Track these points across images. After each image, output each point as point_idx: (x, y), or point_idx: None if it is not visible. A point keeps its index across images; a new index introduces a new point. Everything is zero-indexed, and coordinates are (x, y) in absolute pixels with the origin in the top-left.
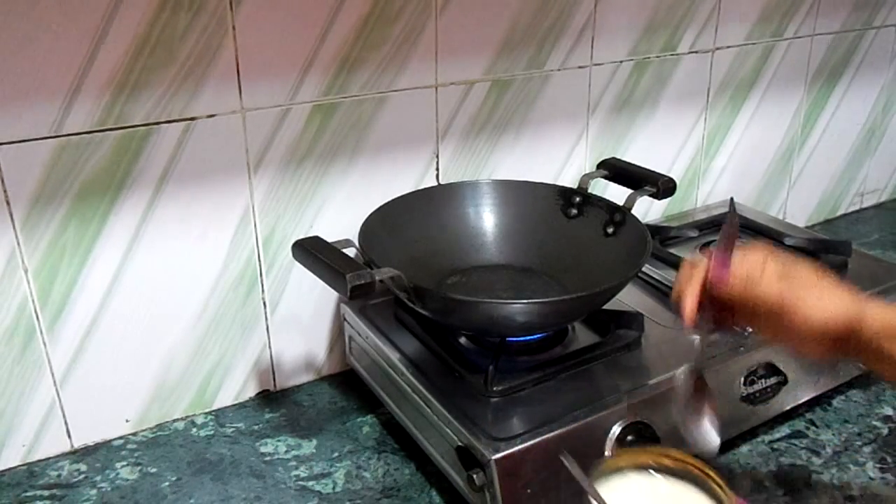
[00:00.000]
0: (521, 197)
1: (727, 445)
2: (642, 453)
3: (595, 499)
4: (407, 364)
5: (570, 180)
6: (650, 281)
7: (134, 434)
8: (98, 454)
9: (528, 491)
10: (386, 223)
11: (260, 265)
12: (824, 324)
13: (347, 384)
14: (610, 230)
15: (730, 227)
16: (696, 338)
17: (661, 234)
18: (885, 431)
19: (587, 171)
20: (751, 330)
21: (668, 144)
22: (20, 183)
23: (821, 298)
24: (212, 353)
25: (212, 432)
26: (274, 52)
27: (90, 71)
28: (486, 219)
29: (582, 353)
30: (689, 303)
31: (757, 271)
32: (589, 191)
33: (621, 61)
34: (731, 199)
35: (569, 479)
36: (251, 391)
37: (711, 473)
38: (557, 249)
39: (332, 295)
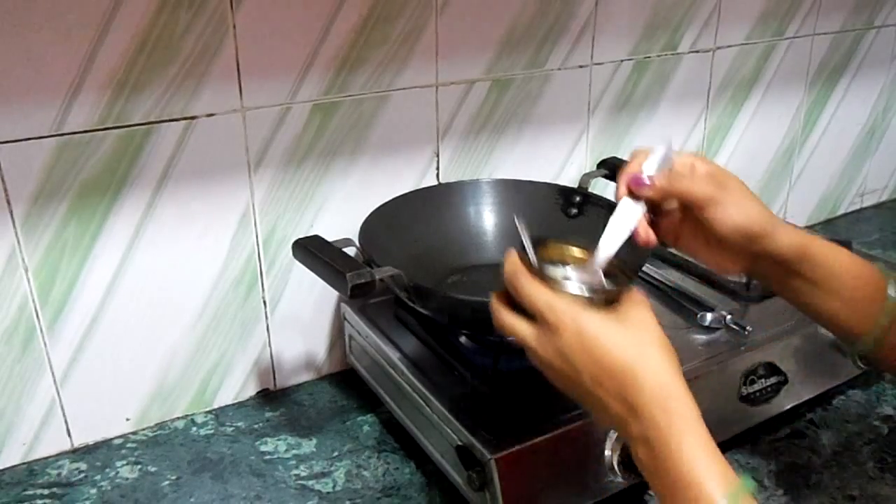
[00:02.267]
0: (522, 196)
1: (727, 445)
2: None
3: (535, 268)
4: (407, 363)
5: (570, 180)
6: (651, 281)
7: (134, 433)
8: (98, 453)
9: (529, 490)
10: (386, 222)
11: (260, 264)
12: (743, 227)
13: (347, 383)
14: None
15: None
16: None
17: None
18: (885, 431)
19: (587, 171)
20: (671, 243)
21: None
22: (20, 182)
23: (742, 203)
24: (212, 351)
25: (212, 431)
26: (274, 51)
27: (91, 69)
28: (487, 218)
29: None
30: (620, 185)
31: (685, 168)
32: (589, 190)
33: (622, 61)
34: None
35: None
36: (251, 390)
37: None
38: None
39: (332, 294)
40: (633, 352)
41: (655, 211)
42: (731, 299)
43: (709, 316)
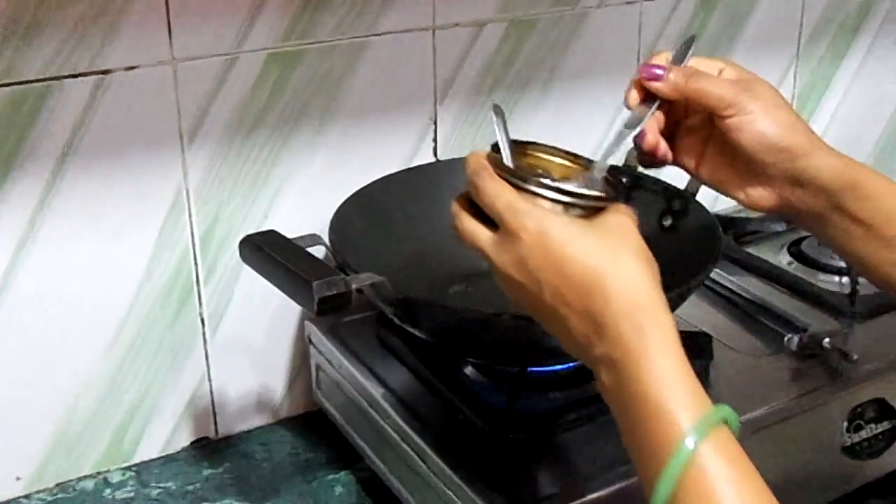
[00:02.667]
0: None
1: None
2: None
3: (505, 167)
4: (394, 402)
5: (616, 156)
6: (721, 291)
7: (27, 497)
8: None
9: None
10: (366, 213)
11: (196, 270)
12: (773, 141)
13: (314, 430)
14: (667, 222)
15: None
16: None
17: (736, 228)
18: None
19: None
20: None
21: None
22: None
23: (774, 113)
24: (131, 388)
25: (132, 494)
26: None
27: None
28: None
29: None
30: (631, 88)
31: (710, 68)
32: (640, 169)
33: None
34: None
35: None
36: (184, 439)
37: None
38: None
39: (293, 310)
40: (603, 259)
41: (674, 128)
42: (830, 316)
43: (800, 338)
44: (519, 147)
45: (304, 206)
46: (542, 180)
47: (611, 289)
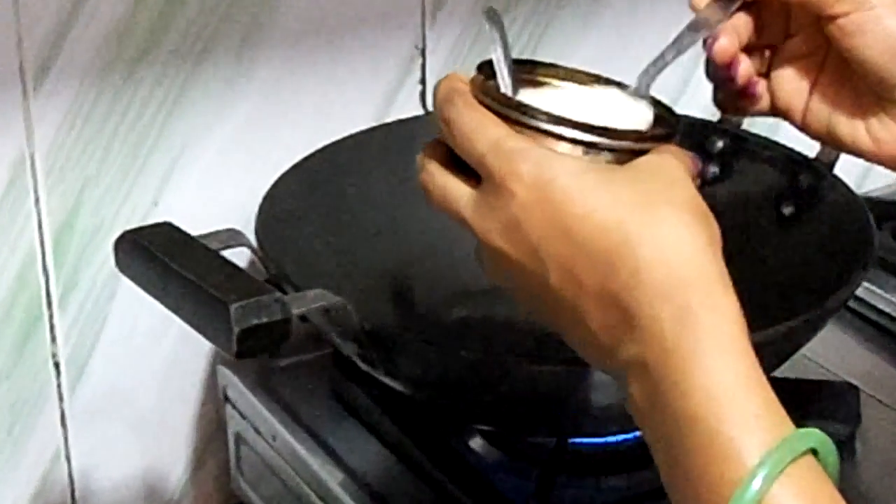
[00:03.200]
0: None
1: None
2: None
3: (496, 94)
4: (359, 495)
5: (701, 104)
6: (871, 317)
7: None
8: None
9: None
10: (314, 198)
11: (47, 286)
12: None
13: None
14: (787, 209)
15: None
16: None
17: None
18: None
19: None
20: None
21: None
22: None
23: None
24: None
25: None
26: None
27: None
28: None
29: None
30: None
31: None
32: (745, 126)
33: None
34: None
35: None
36: None
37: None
38: None
39: (200, 348)
40: (632, 215)
41: (770, 61)
42: None
43: None
44: (523, 70)
45: (217, 186)
46: (551, 111)
47: (643, 257)
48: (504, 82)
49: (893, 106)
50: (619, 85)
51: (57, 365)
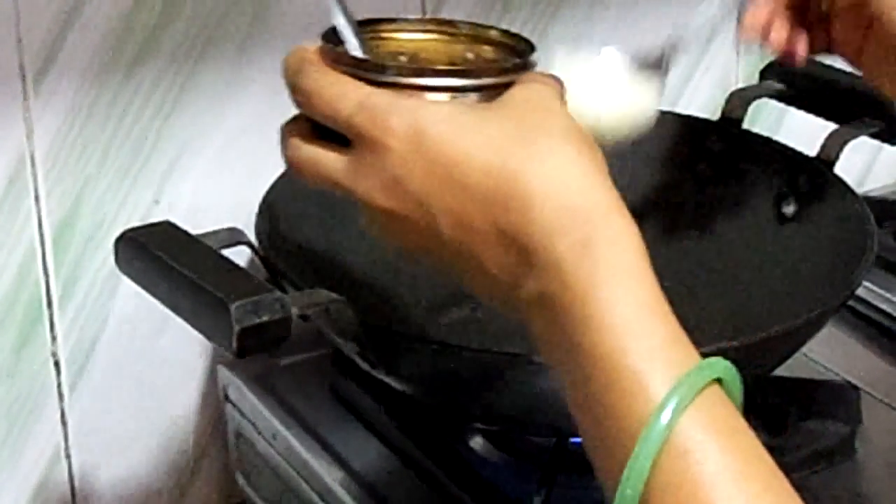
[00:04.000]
0: None
1: None
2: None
3: (348, 56)
4: (360, 493)
5: (703, 103)
6: (872, 317)
7: None
8: None
9: None
10: (314, 197)
11: (47, 285)
12: None
13: None
14: (789, 209)
15: None
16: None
17: None
18: None
19: (741, 85)
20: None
21: None
22: None
23: None
24: None
25: None
26: None
27: None
28: None
29: None
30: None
31: None
32: (745, 125)
33: None
34: None
35: None
36: None
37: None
38: (676, 248)
39: (200, 348)
40: (512, 149)
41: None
42: None
43: None
44: (368, 30)
45: (217, 185)
46: (404, 64)
47: (531, 193)
48: (352, 45)
49: None
50: (477, 26)
51: (57, 364)
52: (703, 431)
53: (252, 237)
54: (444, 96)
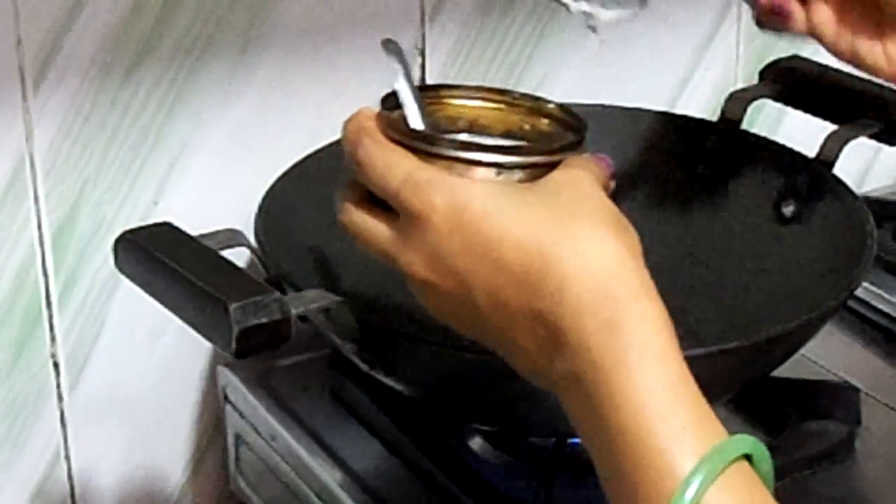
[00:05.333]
0: (600, 139)
1: None
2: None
3: (408, 130)
4: (359, 494)
5: (702, 104)
6: (871, 317)
7: None
8: None
9: None
10: (313, 198)
11: (46, 285)
12: None
13: None
14: (788, 209)
15: None
16: None
17: None
18: None
19: (740, 85)
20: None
21: None
22: None
23: None
24: None
25: None
26: None
27: None
28: None
29: None
30: None
31: None
32: (744, 126)
33: None
34: None
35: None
36: None
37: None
38: (676, 249)
39: (200, 349)
40: (548, 231)
41: None
42: None
43: None
44: (429, 94)
45: (216, 186)
46: (455, 137)
47: (564, 274)
48: (410, 113)
49: None
50: (539, 99)
51: (56, 365)
52: None
53: (251, 238)
54: (491, 171)
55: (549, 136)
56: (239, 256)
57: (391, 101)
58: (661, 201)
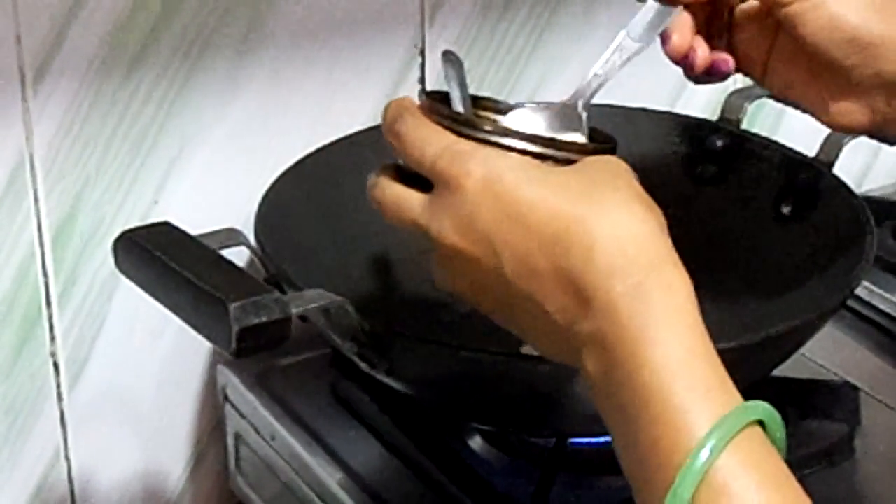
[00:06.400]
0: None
1: None
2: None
3: (445, 111)
4: (358, 493)
5: (702, 104)
6: (870, 317)
7: None
8: None
9: None
10: (313, 197)
11: (46, 285)
12: (857, 39)
13: None
14: (786, 209)
15: None
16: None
17: None
18: None
19: (740, 85)
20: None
21: None
22: None
23: None
24: None
25: None
26: None
27: None
28: None
29: None
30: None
31: None
32: (745, 126)
33: None
34: None
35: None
36: None
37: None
38: (676, 250)
39: (199, 348)
40: (581, 200)
41: (726, 17)
42: None
43: None
44: (476, 104)
45: (216, 185)
46: (500, 124)
47: (595, 236)
48: (455, 98)
49: (840, 84)
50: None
51: (56, 365)
52: (741, 469)
53: (251, 238)
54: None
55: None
56: (239, 256)
57: (433, 95)
58: (660, 201)
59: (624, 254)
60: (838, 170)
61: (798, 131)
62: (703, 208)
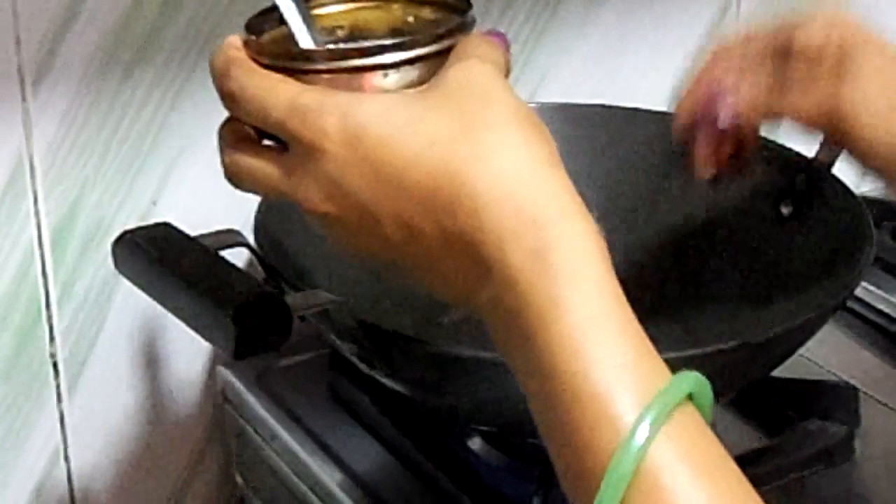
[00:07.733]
0: (599, 140)
1: None
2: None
3: (287, 50)
4: (359, 495)
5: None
6: (870, 317)
7: None
8: None
9: None
10: None
11: (45, 285)
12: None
13: None
14: (786, 209)
15: None
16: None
17: None
18: None
19: None
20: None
21: None
22: None
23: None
24: None
25: None
26: None
27: None
28: None
29: None
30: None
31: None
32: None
33: None
34: None
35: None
36: None
37: None
38: (676, 250)
39: (199, 349)
40: (455, 150)
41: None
42: None
43: None
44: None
45: (215, 186)
46: (332, 47)
47: (478, 192)
48: (296, 29)
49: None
50: None
51: (55, 365)
52: (675, 460)
53: (250, 238)
54: (378, 76)
55: (436, 24)
56: (239, 256)
57: (255, 26)
58: (660, 201)
59: (515, 211)
60: (838, 170)
61: (798, 132)
62: (701, 209)
